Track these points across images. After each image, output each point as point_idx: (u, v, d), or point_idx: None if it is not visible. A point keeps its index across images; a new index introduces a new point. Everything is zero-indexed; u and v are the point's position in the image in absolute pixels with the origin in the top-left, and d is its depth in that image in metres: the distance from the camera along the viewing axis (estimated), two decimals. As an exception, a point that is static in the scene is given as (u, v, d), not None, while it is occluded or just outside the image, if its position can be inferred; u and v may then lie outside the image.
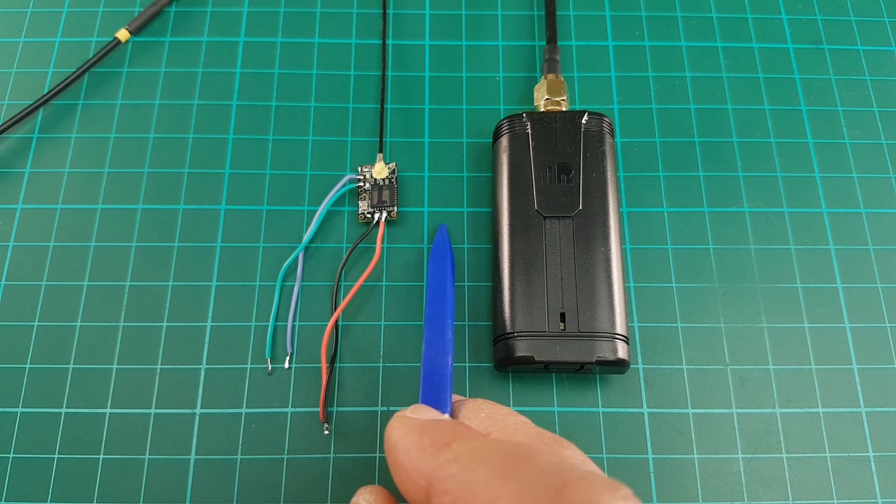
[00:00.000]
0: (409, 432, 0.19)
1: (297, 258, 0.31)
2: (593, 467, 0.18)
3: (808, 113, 0.35)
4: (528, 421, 0.22)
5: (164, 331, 0.30)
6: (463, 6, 0.37)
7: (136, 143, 0.33)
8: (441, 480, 0.17)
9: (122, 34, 0.35)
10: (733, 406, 0.29)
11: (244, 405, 0.29)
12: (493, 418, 0.21)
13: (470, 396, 0.29)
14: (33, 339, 0.30)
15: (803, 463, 0.28)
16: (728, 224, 0.32)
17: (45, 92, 0.33)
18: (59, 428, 0.28)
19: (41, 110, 0.34)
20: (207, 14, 0.36)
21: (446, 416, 0.21)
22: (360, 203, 0.32)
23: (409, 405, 0.29)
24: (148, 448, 0.28)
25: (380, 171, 0.32)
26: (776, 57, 0.36)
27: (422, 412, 0.21)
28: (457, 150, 0.34)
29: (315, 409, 0.29)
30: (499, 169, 0.30)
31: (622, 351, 0.27)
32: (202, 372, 0.29)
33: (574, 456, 0.19)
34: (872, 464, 0.28)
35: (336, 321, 0.29)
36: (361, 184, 0.32)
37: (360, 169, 0.33)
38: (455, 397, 0.23)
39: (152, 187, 0.33)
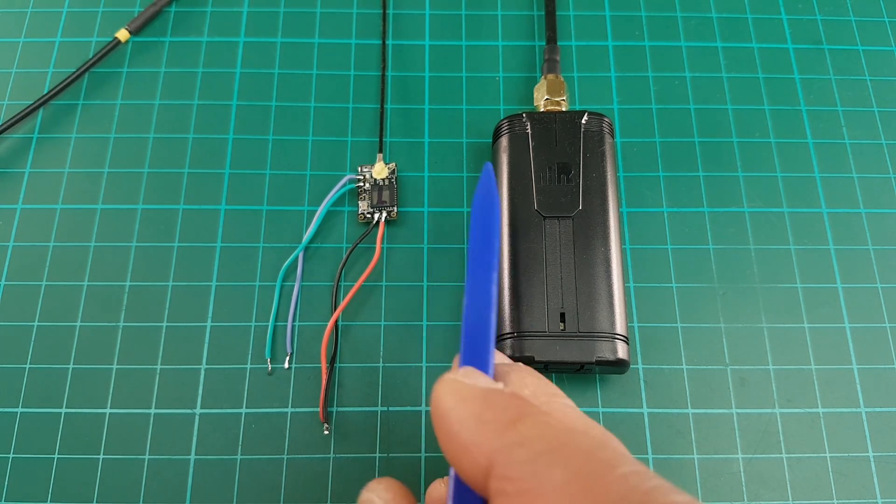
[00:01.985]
0: (467, 400, 0.17)
1: (297, 258, 0.31)
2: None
3: (808, 113, 0.35)
4: (574, 405, 0.20)
5: (164, 331, 0.30)
6: (463, 6, 0.37)
7: (136, 143, 0.33)
8: (506, 465, 0.16)
9: (122, 34, 0.35)
10: (733, 406, 0.29)
11: (244, 405, 0.29)
12: (538, 397, 0.19)
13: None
14: (33, 339, 0.30)
15: (803, 463, 0.28)
16: (728, 224, 0.32)
17: (45, 92, 0.33)
18: (59, 428, 0.28)
19: (41, 110, 0.34)
20: (207, 14, 0.36)
21: (500, 385, 0.19)
22: (360, 203, 0.32)
23: (406, 403, 0.29)
24: (148, 448, 0.28)
25: (380, 171, 0.32)
26: (776, 57, 0.36)
27: (475, 377, 0.19)
28: (457, 150, 0.34)
29: (315, 409, 0.29)
30: (499, 169, 0.30)
31: (622, 351, 0.27)
32: (202, 372, 0.29)
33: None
34: (872, 464, 0.28)
35: (336, 321, 0.29)
36: (361, 184, 0.32)
37: (360, 169, 0.33)
38: (498, 358, 0.21)
39: (152, 187, 0.33)
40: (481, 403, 0.17)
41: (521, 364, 0.21)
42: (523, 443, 0.16)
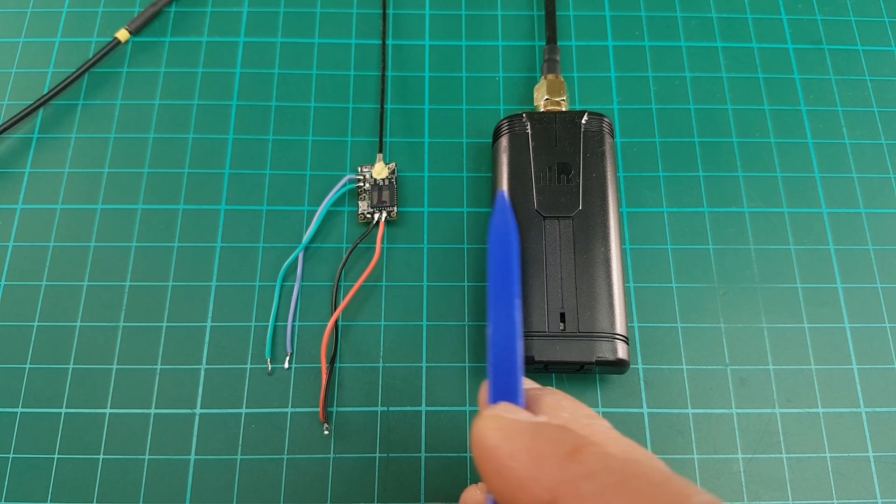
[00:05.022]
0: (516, 436, 0.17)
1: (297, 258, 0.31)
2: None
3: (807, 113, 0.35)
4: (611, 426, 0.20)
5: (164, 331, 0.30)
6: (463, 6, 0.37)
7: (136, 143, 0.33)
8: (574, 499, 0.15)
9: (122, 34, 0.35)
10: (733, 406, 0.29)
11: (244, 405, 0.29)
12: (577, 421, 0.19)
13: (472, 398, 0.29)
14: (33, 339, 0.30)
15: (803, 463, 0.28)
16: (728, 224, 0.32)
17: (45, 92, 0.33)
18: (59, 428, 0.28)
19: (41, 110, 0.34)
20: (207, 14, 0.36)
21: (544, 417, 0.19)
22: (360, 203, 0.32)
23: (406, 403, 0.29)
24: (148, 448, 0.28)
25: (380, 171, 0.32)
26: (776, 57, 0.36)
27: (515, 412, 0.18)
28: (457, 150, 0.34)
29: (315, 409, 0.29)
30: (499, 169, 0.30)
31: (622, 351, 0.27)
32: (202, 372, 0.29)
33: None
34: (872, 464, 0.28)
35: (336, 321, 0.29)
36: (361, 184, 0.32)
37: (360, 169, 0.33)
38: (526, 384, 0.21)
39: (152, 187, 0.33)
40: (532, 437, 0.17)
41: (551, 388, 0.20)
42: (589, 475, 0.15)
